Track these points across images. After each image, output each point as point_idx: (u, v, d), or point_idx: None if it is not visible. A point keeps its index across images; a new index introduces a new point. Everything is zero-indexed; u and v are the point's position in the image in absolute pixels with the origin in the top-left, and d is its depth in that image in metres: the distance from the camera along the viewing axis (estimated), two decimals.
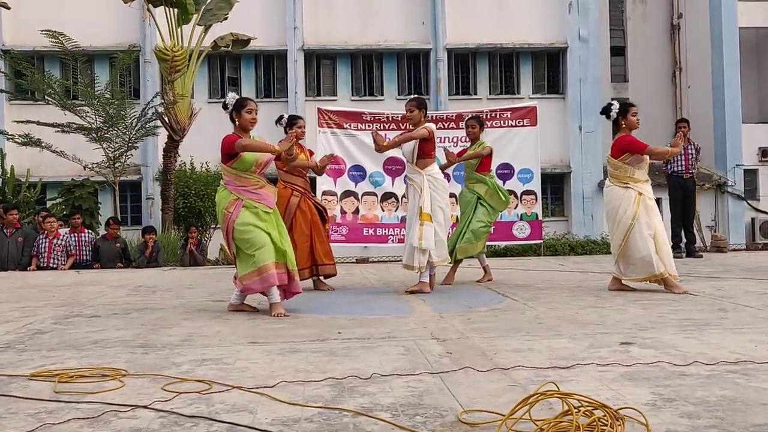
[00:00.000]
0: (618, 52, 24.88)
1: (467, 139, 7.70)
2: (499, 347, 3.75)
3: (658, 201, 22.45)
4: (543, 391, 2.41)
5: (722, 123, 21.93)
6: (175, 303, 5.99)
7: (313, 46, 20.86)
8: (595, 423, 2.19)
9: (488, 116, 10.46)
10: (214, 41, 16.12)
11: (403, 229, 10.50)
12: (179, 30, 15.52)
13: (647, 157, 6.09)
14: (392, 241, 10.60)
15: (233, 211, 5.18)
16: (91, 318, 5.19)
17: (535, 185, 10.55)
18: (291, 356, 3.64)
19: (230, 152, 5.20)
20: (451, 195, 8.23)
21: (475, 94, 21.55)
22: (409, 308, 5.38)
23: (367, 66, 21.48)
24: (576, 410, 2.24)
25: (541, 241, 11.24)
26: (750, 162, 22.24)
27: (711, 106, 22.41)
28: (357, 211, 10.52)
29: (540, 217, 10.78)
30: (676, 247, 10.34)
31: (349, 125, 10.50)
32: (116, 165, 15.83)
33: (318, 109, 10.60)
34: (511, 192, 10.49)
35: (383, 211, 10.56)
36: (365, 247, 12.45)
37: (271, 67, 21.32)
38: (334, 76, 21.42)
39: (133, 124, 15.89)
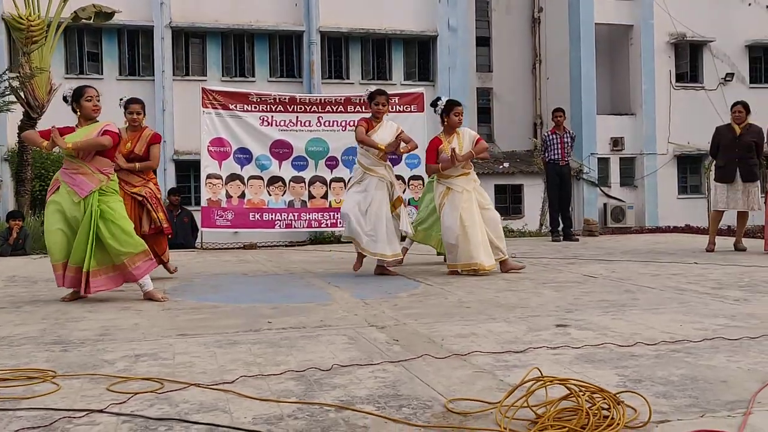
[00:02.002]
0: (483, 42, 25.68)
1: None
2: (442, 333, 3.73)
3: (520, 187, 23.20)
4: (539, 377, 2.39)
5: (579, 114, 23.21)
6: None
7: (181, 24, 19.97)
8: (597, 408, 2.19)
9: None
10: (75, 12, 15.03)
11: (290, 214, 10.34)
12: None
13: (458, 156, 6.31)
14: (279, 226, 10.37)
15: (50, 191, 5.12)
16: None
17: (423, 171, 10.65)
18: (232, 349, 3.43)
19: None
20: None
21: (348, 78, 21.52)
22: (326, 295, 5.26)
23: (238, 46, 20.85)
24: (579, 394, 2.24)
25: None
26: (603, 151, 23.72)
27: (569, 98, 23.65)
28: (243, 195, 10.19)
29: None
30: (554, 232, 10.83)
31: (235, 106, 10.13)
32: None
33: (202, 88, 10.16)
34: (399, 177, 10.57)
35: (270, 195, 10.29)
36: (235, 232, 12.13)
37: (135, 43, 20.20)
38: (203, 55, 20.64)
39: None
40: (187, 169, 19.60)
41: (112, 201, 5.07)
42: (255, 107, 10.20)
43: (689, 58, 24.43)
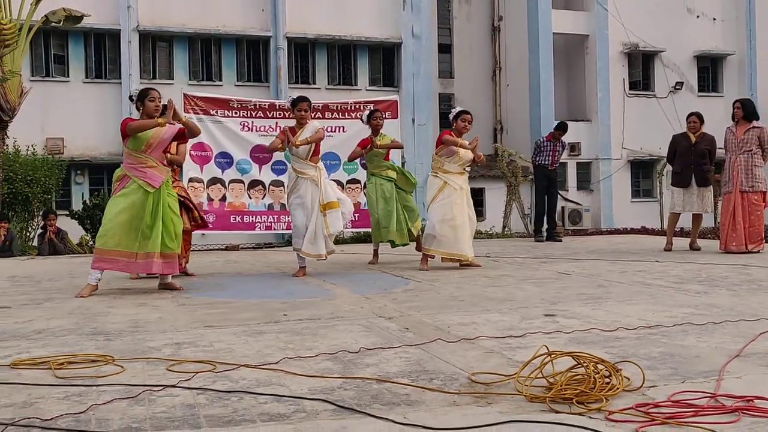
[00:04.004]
0: (445, 49, 26.27)
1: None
2: (447, 322, 4.17)
3: (481, 191, 23.63)
4: (549, 352, 2.85)
5: (537, 120, 23.95)
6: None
7: (148, 27, 20.07)
8: (601, 375, 2.66)
9: (353, 108, 10.86)
10: (45, 16, 15.15)
11: (269, 216, 10.69)
12: (8, 1, 14.41)
13: (460, 152, 7.02)
14: (259, 228, 10.68)
15: (118, 185, 5.67)
16: (1, 309, 4.95)
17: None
18: (261, 337, 3.82)
19: (124, 133, 5.64)
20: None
21: (314, 83, 21.87)
22: (327, 292, 5.66)
23: (205, 50, 21.02)
24: (584, 364, 2.70)
25: None
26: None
27: (527, 104, 24.41)
28: (224, 198, 10.48)
29: None
30: (538, 232, 11.40)
31: (216, 112, 10.43)
32: None
33: (184, 94, 10.41)
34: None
35: (250, 198, 10.61)
36: (203, 235, 12.40)
37: (102, 46, 20.23)
38: (170, 59, 20.76)
39: None
40: None
41: (172, 199, 5.71)
42: (236, 113, 10.51)
43: (642, 67, 25.41)
